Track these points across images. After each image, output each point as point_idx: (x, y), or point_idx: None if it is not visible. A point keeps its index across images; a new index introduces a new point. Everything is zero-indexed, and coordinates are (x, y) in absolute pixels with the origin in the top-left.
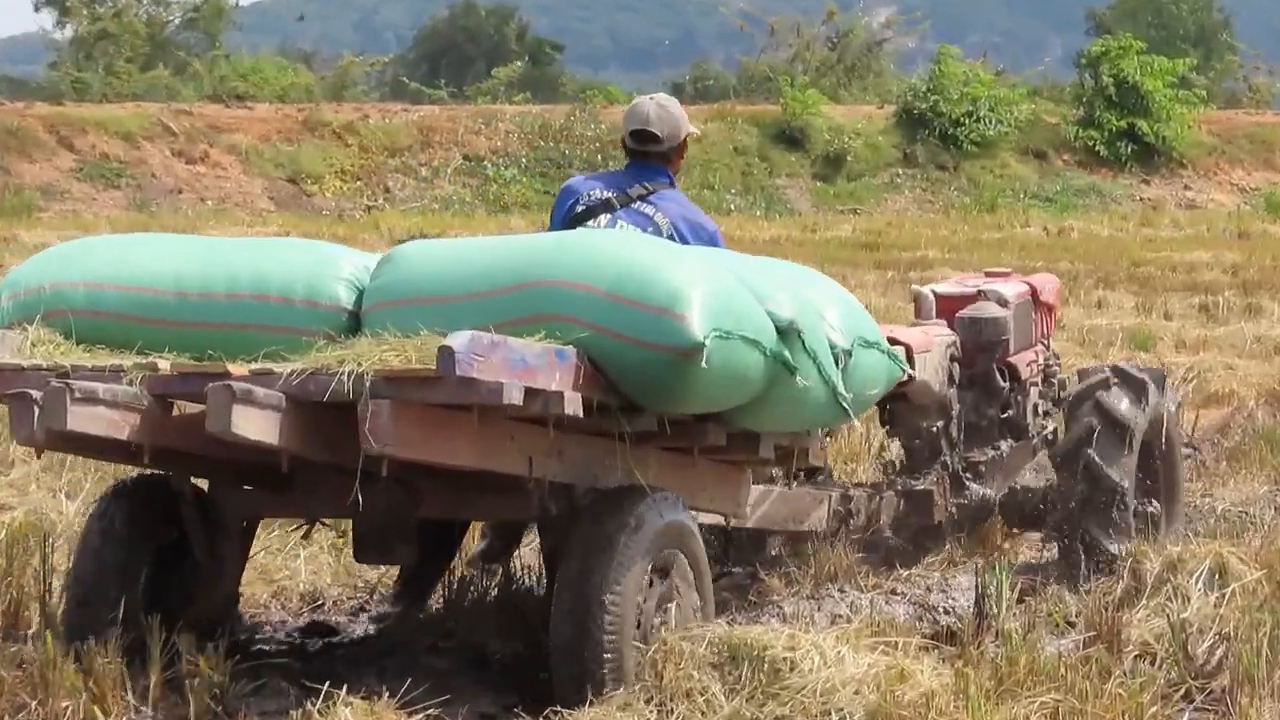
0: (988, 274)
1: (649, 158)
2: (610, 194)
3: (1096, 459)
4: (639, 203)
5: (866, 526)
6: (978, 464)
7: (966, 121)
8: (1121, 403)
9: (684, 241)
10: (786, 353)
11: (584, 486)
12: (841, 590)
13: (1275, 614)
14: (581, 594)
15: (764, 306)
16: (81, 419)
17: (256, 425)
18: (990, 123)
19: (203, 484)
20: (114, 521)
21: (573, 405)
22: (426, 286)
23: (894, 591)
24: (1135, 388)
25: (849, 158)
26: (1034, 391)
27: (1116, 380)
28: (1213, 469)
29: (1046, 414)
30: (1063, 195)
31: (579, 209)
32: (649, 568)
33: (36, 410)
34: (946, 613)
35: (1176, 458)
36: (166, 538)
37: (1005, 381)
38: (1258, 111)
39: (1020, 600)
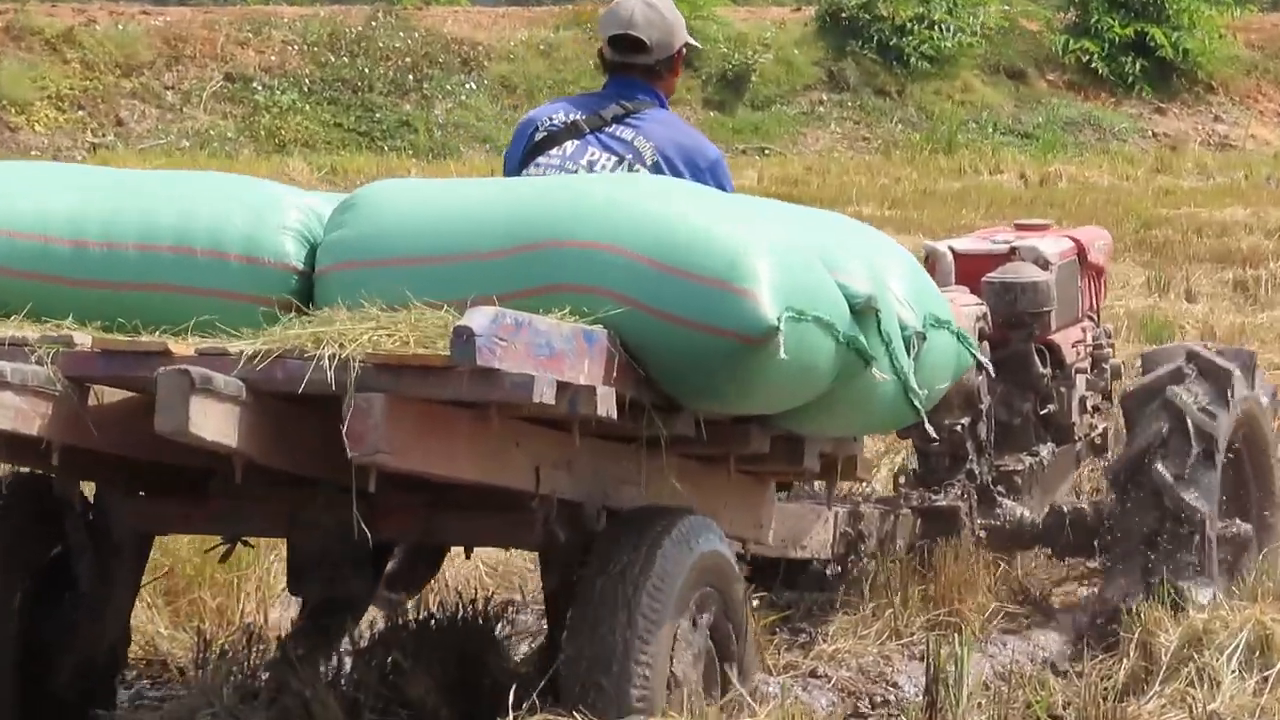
0: (1019, 226)
1: (632, 72)
2: (578, 116)
3: (1167, 477)
4: (615, 125)
5: (881, 550)
6: (1012, 474)
7: (915, 29)
8: (1199, 400)
9: (670, 174)
10: (862, 338)
11: (594, 506)
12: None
13: None
14: (604, 652)
15: (835, 278)
16: None
17: (215, 423)
18: (948, 30)
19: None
20: None
21: (605, 404)
22: (404, 243)
23: (814, 673)
24: (1217, 379)
25: (754, 78)
26: (1081, 381)
27: (1192, 369)
28: None
29: (1096, 410)
30: (1047, 130)
31: (538, 137)
32: (685, 615)
33: None
34: (885, 703)
35: (1270, 467)
36: (44, 557)
37: (1046, 367)
38: None
39: (989, 686)
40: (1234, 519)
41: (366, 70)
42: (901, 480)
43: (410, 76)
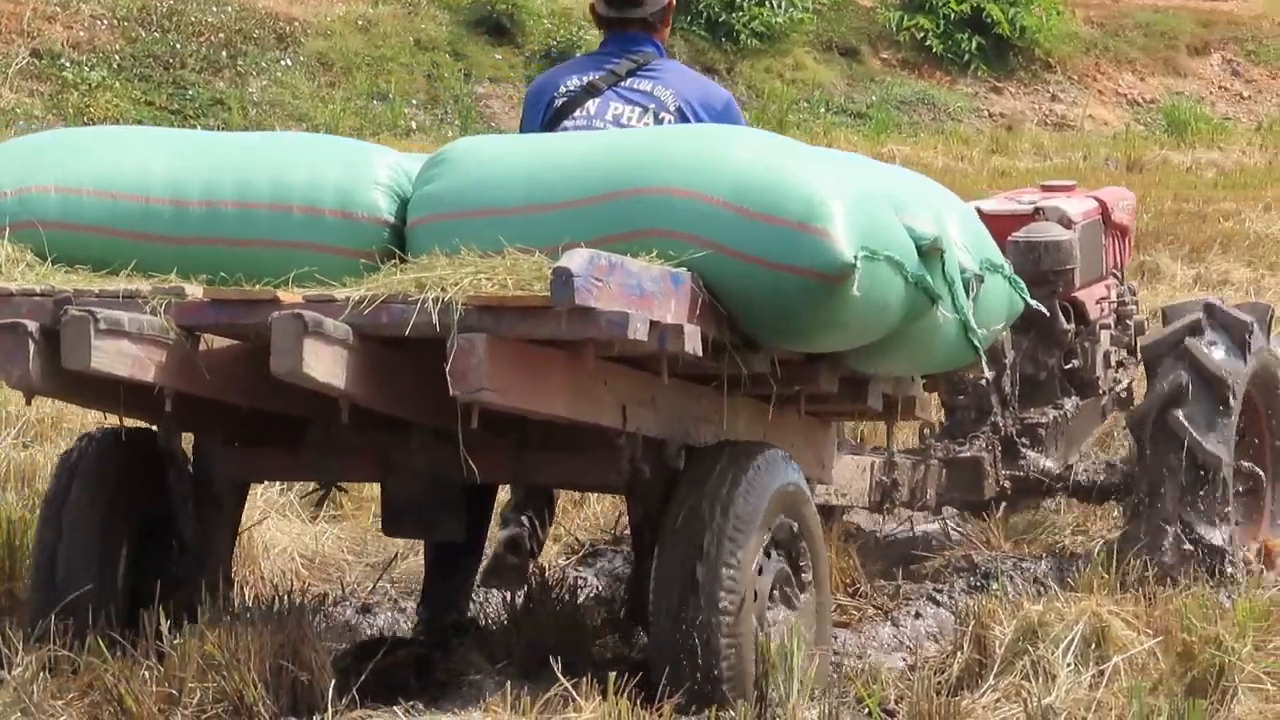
0: (1044, 187)
1: (629, 26)
2: (593, 76)
3: (1187, 425)
4: (631, 79)
5: (910, 501)
6: (1036, 427)
7: (745, 4)
8: (1217, 351)
9: (694, 119)
10: (928, 278)
11: (676, 443)
12: (567, 665)
13: (1174, 699)
14: (689, 574)
15: (902, 220)
16: (106, 356)
17: (325, 365)
18: (779, 6)
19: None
20: (89, 483)
21: (692, 341)
22: (493, 195)
23: (642, 665)
24: (1235, 331)
25: (579, 54)
26: (1105, 336)
27: (1210, 322)
28: None
29: (1120, 365)
30: (881, 108)
31: (558, 104)
32: (765, 542)
33: (31, 344)
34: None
35: None
36: (149, 505)
37: (1070, 323)
38: None
39: (821, 680)
40: (1254, 471)
41: (178, 46)
42: (927, 432)
43: (224, 53)
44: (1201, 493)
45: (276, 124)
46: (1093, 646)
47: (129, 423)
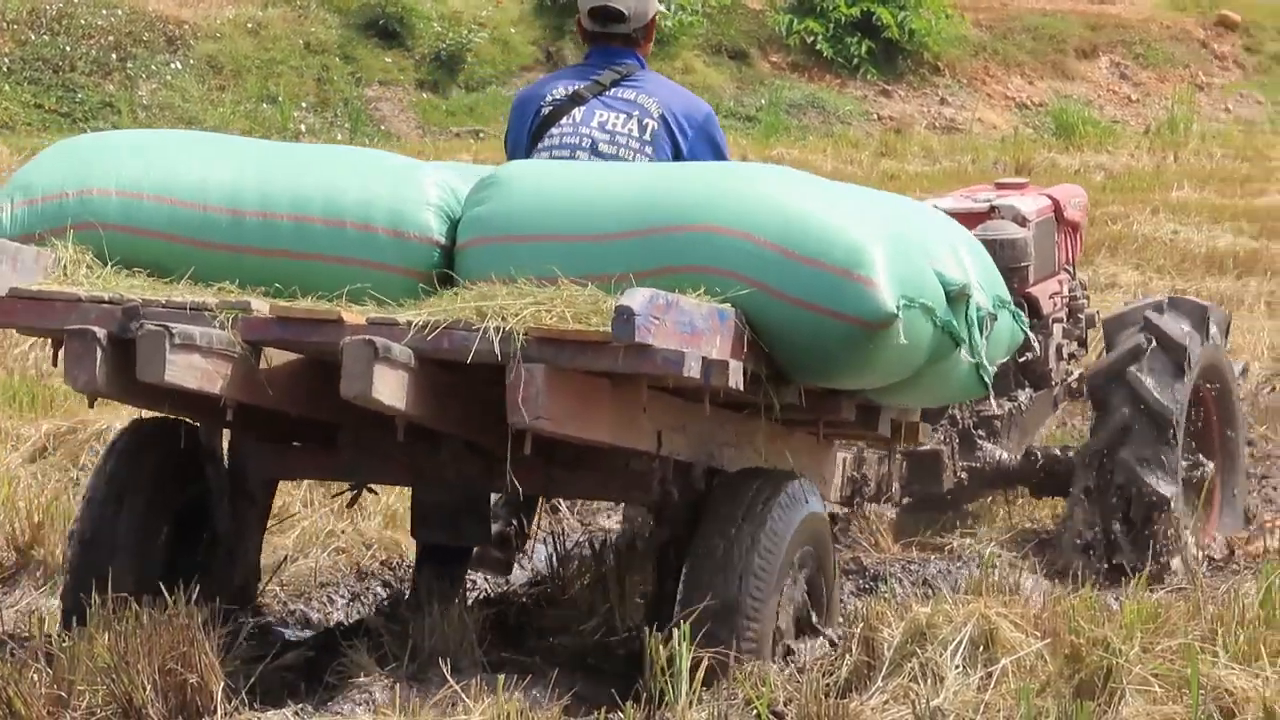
0: (999, 185)
1: (612, 41)
2: (578, 86)
3: (1144, 379)
4: (615, 88)
5: (876, 495)
6: (992, 419)
7: None
8: (1177, 324)
9: (676, 129)
10: (954, 321)
11: (702, 466)
12: (456, 668)
13: (1062, 700)
14: (718, 597)
15: (932, 265)
16: (179, 370)
17: (390, 388)
18: (669, 9)
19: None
20: (132, 473)
21: (736, 376)
22: (545, 221)
23: (529, 670)
24: (1193, 314)
25: (469, 59)
26: (1057, 330)
27: (1172, 305)
28: None
29: (1072, 357)
30: (770, 112)
31: (545, 112)
32: (791, 569)
33: (99, 352)
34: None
35: (1236, 417)
36: (184, 501)
37: (1033, 348)
38: None
39: (709, 682)
40: (1200, 460)
41: (68, 49)
42: None
43: (114, 55)
44: (1152, 445)
45: (166, 127)
46: (981, 649)
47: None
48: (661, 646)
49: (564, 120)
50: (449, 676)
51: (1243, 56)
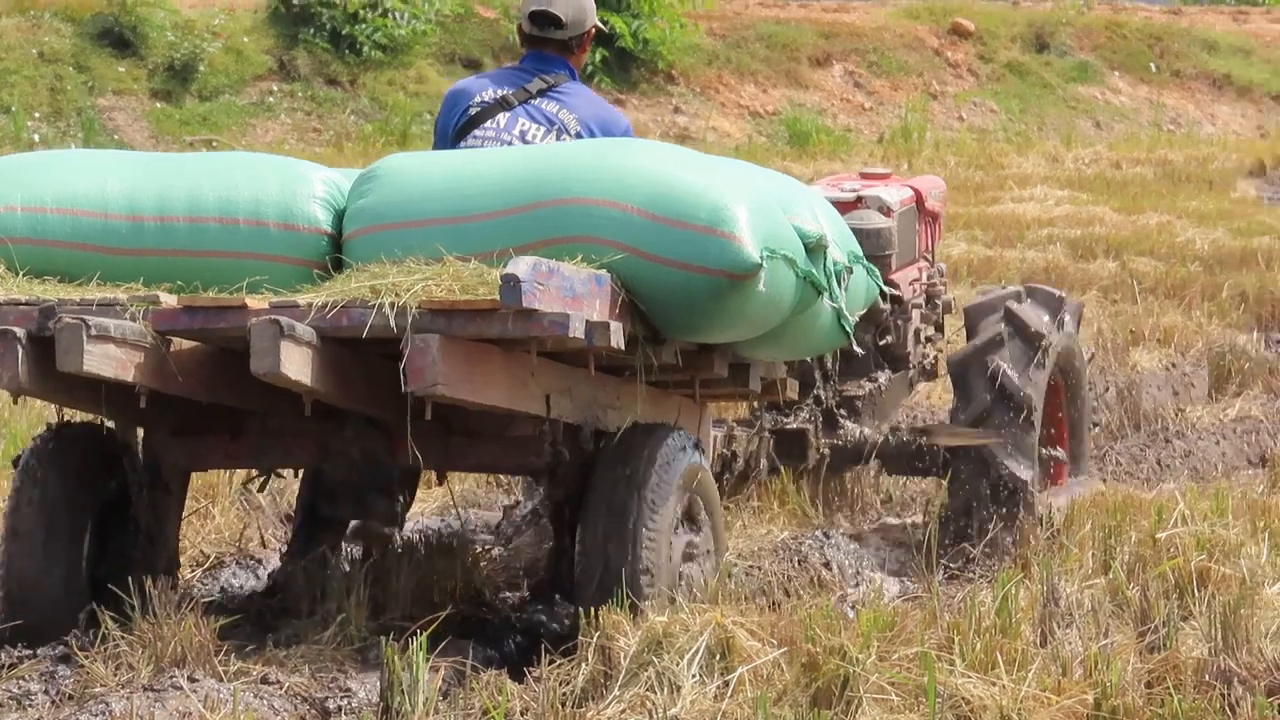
0: (864, 175)
1: (548, 46)
2: (506, 91)
3: (1004, 367)
4: (540, 99)
5: (746, 472)
6: (853, 399)
7: (369, 17)
8: (1035, 315)
9: None
10: (815, 272)
11: (589, 428)
12: (193, 678)
13: (799, 709)
14: (614, 542)
15: (790, 220)
16: (96, 360)
17: (297, 365)
18: (402, 18)
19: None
20: (58, 472)
21: (617, 336)
22: (424, 207)
23: (266, 680)
24: (1050, 304)
25: (201, 68)
26: (916, 315)
27: (1030, 296)
28: None
29: (929, 340)
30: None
31: (472, 112)
32: (678, 513)
33: (20, 349)
34: (339, 710)
35: (1084, 401)
36: (106, 495)
37: (885, 303)
38: (777, 3)
39: (446, 692)
40: (1053, 444)
41: None
42: (755, 405)
43: None
44: (1011, 430)
45: None
46: (718, 658)
47: (79, 418)
48: (398, 657)
49: (488, 123)
50: (187, 687)
51: (976, 65)
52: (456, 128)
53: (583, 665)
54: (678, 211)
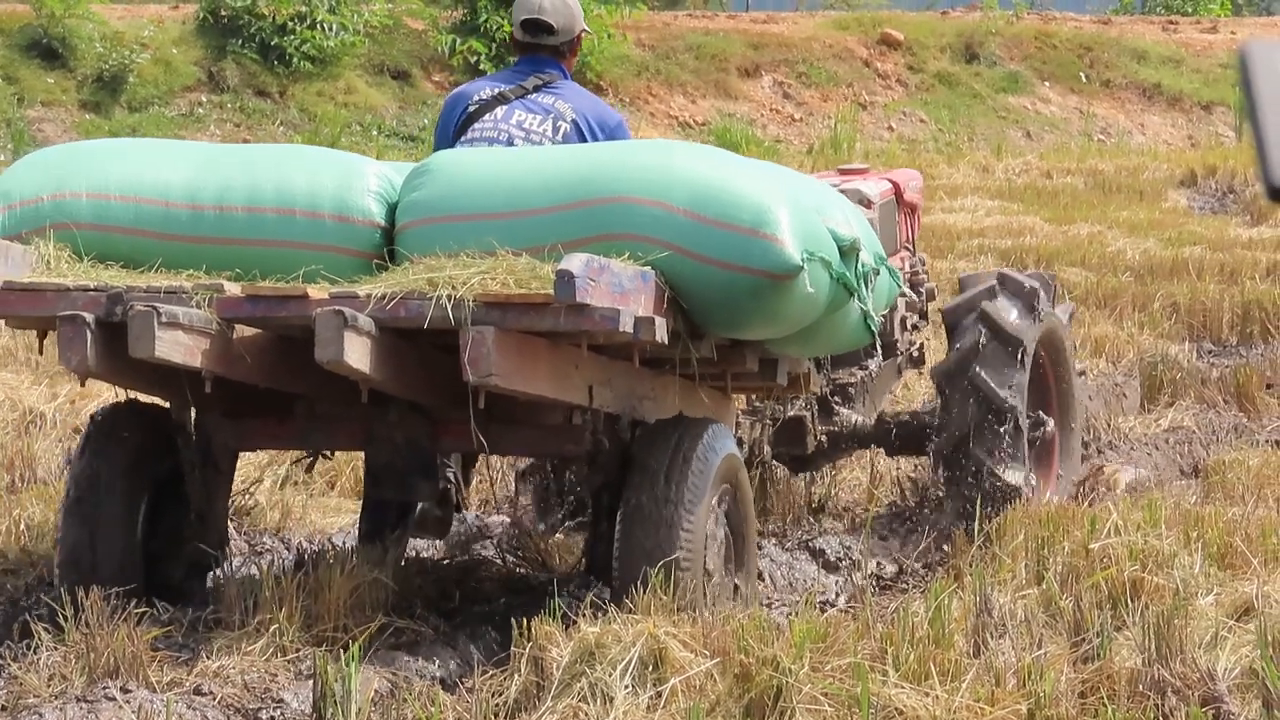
0: (842, 171)
1: (540, 51)
2: (504, 88)
3: (984, 377)
4: (536, 93)
5: (749, 458)
6: (847, 386)
7: (297, 28)
8: (1010, 313)
9: (588, 133)
10: (848, 274)
11: (627, 418)
12: (126, 689)
13: (732, 719)
14: (652, 530)
15: (824, 224)
16: (166, 345)
17: (357, 354)
18: (330, 29)
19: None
20: (114, 450)
21: (661, 331)
22: (474, 202)
23: (199, 690)
24: (1024, 296)
25: (131, 79)
26: (902, 304)
27: (1002, 288)
28: None
29: (915, 328)
30: (432, 132)
31: (470, 109)
32: (714, 503)
33: (89, 334)
34: None
35: (1070, 374)
36: (161, 471)
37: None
38: (705, 14)
39: (378, 703)
40: (1043, 420)
41: None
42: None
43: None
44: (998, 437)
45: None
46: (650, 668)
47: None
48: (331, 667)
49: (486, 117)
50: (119, 696)
51: (905, 75)
52: (457, 125)
53: (515, 676)
54: (722, 213)
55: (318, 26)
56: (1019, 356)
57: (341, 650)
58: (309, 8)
